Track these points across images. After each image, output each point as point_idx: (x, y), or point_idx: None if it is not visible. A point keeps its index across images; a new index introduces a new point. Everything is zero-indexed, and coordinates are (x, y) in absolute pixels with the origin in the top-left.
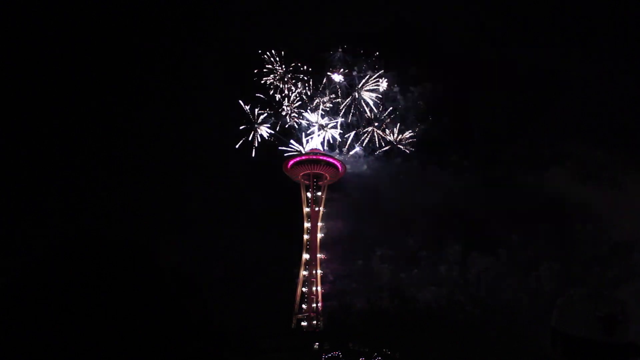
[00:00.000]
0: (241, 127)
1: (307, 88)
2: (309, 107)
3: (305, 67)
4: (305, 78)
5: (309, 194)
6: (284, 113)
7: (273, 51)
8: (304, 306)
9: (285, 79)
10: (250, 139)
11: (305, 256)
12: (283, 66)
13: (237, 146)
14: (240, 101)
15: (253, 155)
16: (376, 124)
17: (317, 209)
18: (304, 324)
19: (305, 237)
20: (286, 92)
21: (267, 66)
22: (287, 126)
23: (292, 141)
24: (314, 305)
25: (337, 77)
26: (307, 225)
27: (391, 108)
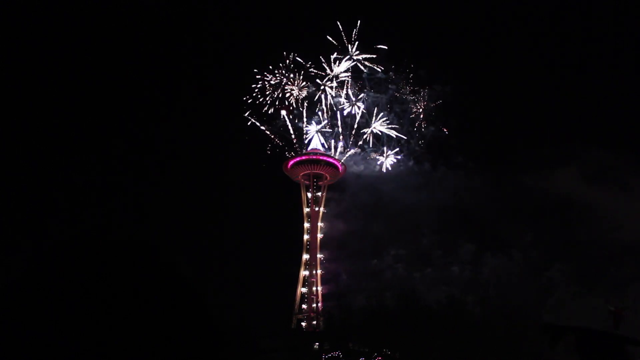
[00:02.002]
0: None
1: (315, 90)
2: (317, 109)
3: (313, 69)
4: (315, 79)
5: (309, 194)
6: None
7: (284, 53)
8: (304, 306)
9: (293, 82)
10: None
11: (305, 256)
12: (293, 71)
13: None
14: (245, 104)
15: (264, 165)
16: (385, 126)
17: (317, 209)
18: (303, 324)
19: (305, 237)
20: (293, 94)
21: (275, 72)
22: (296, 130)
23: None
24: (314, 305)
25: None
26: (307, 225)
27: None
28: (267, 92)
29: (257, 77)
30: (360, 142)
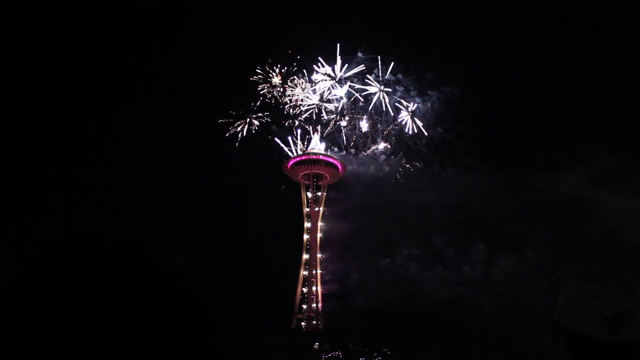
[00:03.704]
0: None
1: (321, 89)
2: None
3: (318, 70)
4: (321, 80)
5: (309, 194)
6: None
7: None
8: (303, 306)
9: (298, 83)
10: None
11: (305, 256)
12: (298, 72)
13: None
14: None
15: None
16: (389, 126)
17: (317, 209)
18: (303, 324)
19: (305, 237)
20: (297, 95)
21: (279, 73)
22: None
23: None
24: (314, 305)
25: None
26: (307, 225)
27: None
28: (270, 93)
29: (260, 79)
30: (368, 147)
